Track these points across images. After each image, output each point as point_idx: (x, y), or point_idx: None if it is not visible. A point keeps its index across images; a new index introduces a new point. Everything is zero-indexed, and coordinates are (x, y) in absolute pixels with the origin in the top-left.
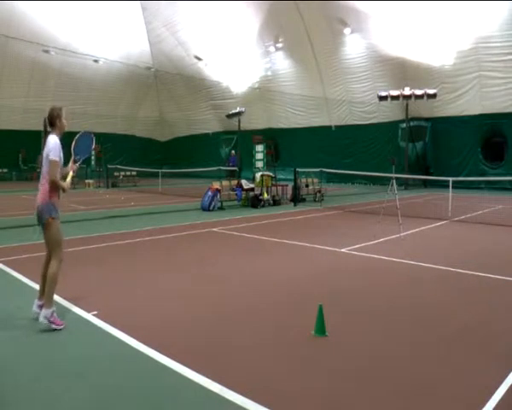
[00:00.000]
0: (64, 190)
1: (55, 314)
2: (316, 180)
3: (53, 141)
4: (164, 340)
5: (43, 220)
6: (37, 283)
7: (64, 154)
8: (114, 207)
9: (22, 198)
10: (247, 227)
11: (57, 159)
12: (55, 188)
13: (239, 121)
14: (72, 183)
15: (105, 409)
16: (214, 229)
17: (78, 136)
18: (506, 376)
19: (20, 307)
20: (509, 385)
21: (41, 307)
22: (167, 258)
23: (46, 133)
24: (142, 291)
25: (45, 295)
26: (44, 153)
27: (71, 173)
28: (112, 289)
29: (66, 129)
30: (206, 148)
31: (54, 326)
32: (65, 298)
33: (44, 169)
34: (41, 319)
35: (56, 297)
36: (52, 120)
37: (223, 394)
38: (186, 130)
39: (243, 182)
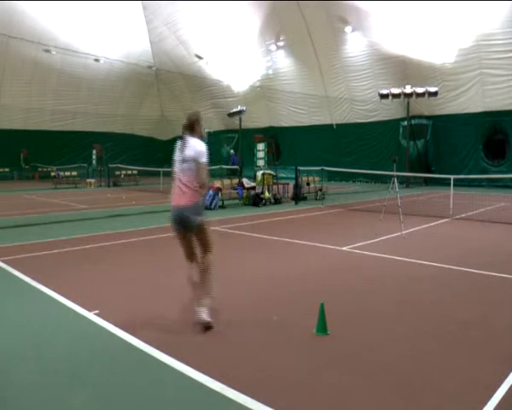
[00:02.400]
0: (204, 190)
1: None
2: (317, 178)
3: (203, 145)
4: (165, 339)
5: (196, 222)
6: (38, 282)
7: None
8: (115, 207)
9: (23, 198)
10: (249, 226)
11: (207, 162)
12: (203, 190)
13: (240, 120)
14: (73, 182)
15: (106, 409)
16: (215, 228)
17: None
18: (507, 374)
19: (21, 306)
20: (510, 384)
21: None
22: (168, 257)
23: (183, 137)
24: (144, 290)
25: (205, 286)
26: (191, 155)
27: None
28: (113, 288)
29: (79, 129)
30: (207, 146)
31: (208, 319)
32: (66, 297)
33: (188, 170)
34: (201, 316)
35: (57, 296)
36: (192, 126)
37: (224, 392)
38: None
39: (244, 180)
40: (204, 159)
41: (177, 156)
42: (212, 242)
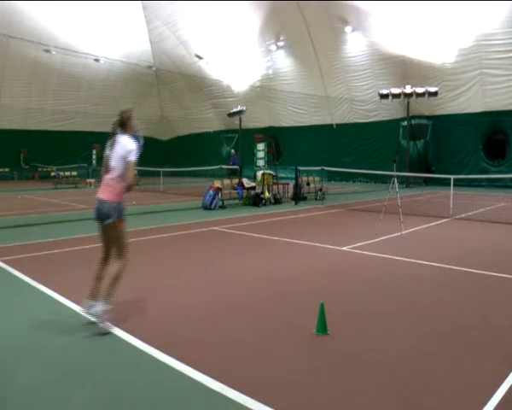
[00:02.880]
0: (130, 191)
1: (107, 315)
2: (317, 178)
3: (132, 143)
4: (165, 339)
5: (111, 220)
6: (38, 282)
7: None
8: None
9: (24, 197)
10: (249, 226)
11: (136, 160)
12: (128, 189)
13: (240, 120)
14: (73, 182)
15: (106, 408)
16: (215, 228)
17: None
18: (507, 374)
19: (22, 306)
20: (510, 384)
21: (91, 307)
22: (168, 257)
23: (114, 134)
24: (143, 290)
25: (108, 290)
26: (119, 153)
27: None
28: None
29: (79, 129)
30: (207, 146)
31: (102, 326)
32: (66, 297)
33: (117, 168)
34: (93, 310)
35: (58, 296)
36: (124, 123)
37: (224, 392)
38: (187, 129)
39: (244, 180)
40: (132, 157)
41: (107, 153)
42: (127, 248)
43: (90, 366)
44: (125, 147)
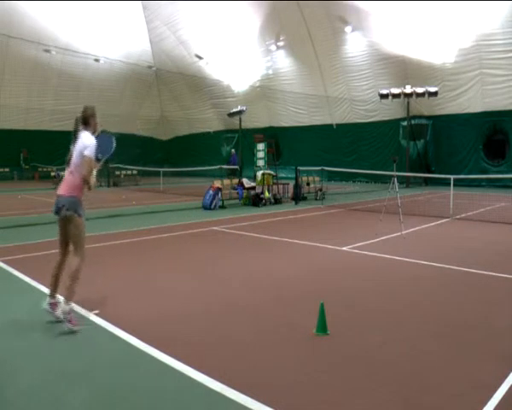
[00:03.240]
0: (90, 188)
1: (72, 314)
2: (317, 178)
3: (90, 139)
4: (165, 339)
5: (67, 214)
6: (38, 282)
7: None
8: (115, 207)
9: (24, 197)
10: (249, 226)
11: (92, 156)
12: (84, 185)
13: (240, 120)
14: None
15: (106, 409)
16: (215, 228)
17: (96, 135)
18: (508, 374)
19: (22, 306)
20: (510, 384)
21: (53, 305)
22: (168, 257)
23: (76, 132)
24: (144, 290)
25: (67, 290)
26: (78, 148)
27: (94, 172)
28: (113, 288)
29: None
30: (207, 147)
31: (70, 326)
32: None
33: (75, 163)
34: (59, 313)
35: (58, 296)
36: (86, 119)
37: (224, 392)
38: (187, 129)
39: (244, 180)
40: (88, 152)
41: (71, 149)
42: (84, 244)
43: (89, 366)
44: (83, 142)
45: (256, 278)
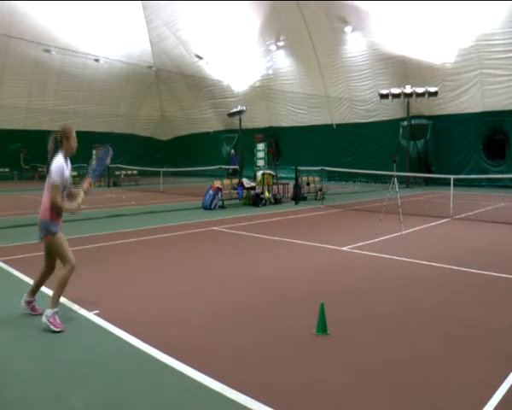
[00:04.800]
0: (67, 210)
1: (56, 316)
2: (317, 178)
3: (56, 163)
4: (165, 339)
5: (42, 235)
6: None
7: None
8: (115, 207)
9: (23, 197)
10: (249, 226)
11: (57, 182)
12: (55, 209)
13: (240, 120)
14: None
15: (106, 408)
16: (215, 228)
17: (99, 153)
18: (507, 374)
19: (20, 305)
20: (510, 384)
21: (28, 303)
22: (168, 257)
23: (53, 151)
24: (144, 290)
25: (52, 296)
26: (48, 172)
27: (82, 193)
28: (113, 288)
29: (79, 129)
30: (207, 146)
31: (52, 327)
32: (66, 297)
33: (46, 186)
34: (43, 318)
35: None
36: (60, 141)
37: (224, 392)
38: (187, 129)
39: (244, 181)
40: (53, 178)
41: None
42: (67, 256)
43: (89, 366)
44: (51, 167)
45: (256, 277)
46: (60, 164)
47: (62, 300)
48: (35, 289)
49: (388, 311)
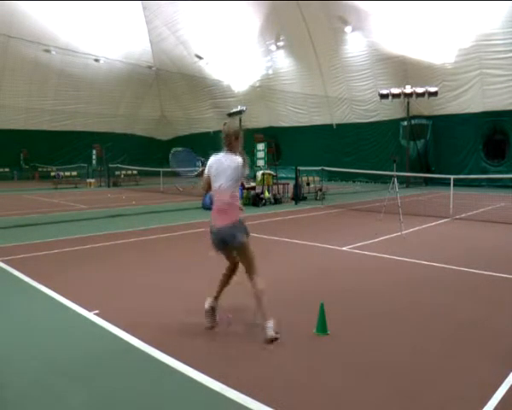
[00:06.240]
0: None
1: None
2: (317, 178)
3: (241, 160)
4: (165, 339)
5: (238, 242)
6: (38, 282)
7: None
8: (115, 207)
9: (23, 197)
10: (248, 226)
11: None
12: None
13: (240, 120)
14: (73, 182)
15: (106, 409)
16: None
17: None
18: (507, 375)
19: (21, 306)
20: (510, 384)
21: (213, 308)
22: (168, 257)
23: (221, 153)
24: (144, 290)
25: (261, 310)
26: (229, 168)
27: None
28: (113, 288)
29: (79, 129)
30: (207, 146)
31: (276, 335)
32: (66, 297)
33: (231, 186)
34: (270, 333)
35: (58, 296)
36: (230, 142)
37: (224, 392)
38: (187, 129)
39: (244, 180)
40: (244, 174)
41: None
42: (255, 260)
43: (89, 366)
44: (238, 164)
45: None
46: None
47: (62, 300)
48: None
49: (388, 311)
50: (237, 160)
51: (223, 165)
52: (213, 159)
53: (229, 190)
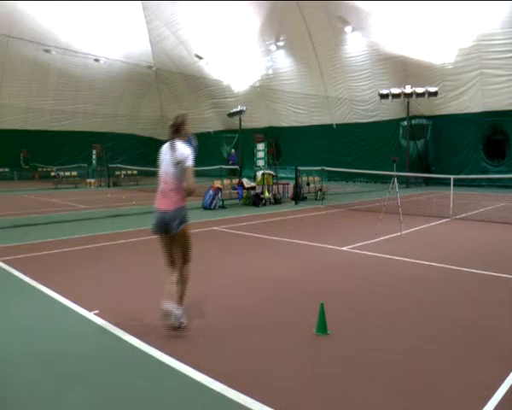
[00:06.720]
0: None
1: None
2: (317, 179)
3: (188, 148)
4: (165, 339)
5: (179, 228)
6: (38, 282)
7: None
8: (115, 207)
9: (23, 197)
10: (248, 226)
11: (192, 165)
12: (189, 194)
13: (240, 120)
14: (73, 182)
15: (106, 409)
16: (215, 228)
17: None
18: (507, 374)
19: (21, 306)
20: (510, 384)
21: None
22: None
23: (171, 140)
24: (144, 290)
25: (180, 294)
26: (172, 158)
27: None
28: (113, 288)
29: (79, 129)
30: (207, 146)
31: (184, 324)
32: (66, 297)
33: (174, 175)
34: (178, 320)
35: (58, 296)
36: (177, 127)
37: (224, 392)
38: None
39: (244, 181)
40: (191, 163)
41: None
42: (191, 252)
43: (89, 367)
44: (182, 152)
45: (256, 278)
46: (189, 148)
47: (62, 300)
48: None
49: (388, 311)
50: (181, 147)
51: (168, 152)
52: (163, 146)
53: (173, 176)
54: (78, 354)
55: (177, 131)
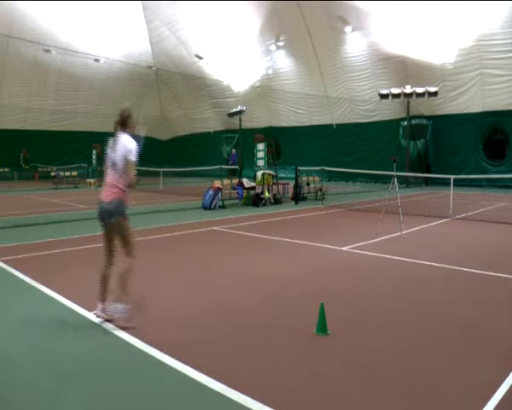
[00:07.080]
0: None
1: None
2: (317, 179)
3: (131, 142)
4: (165, 338)
5: (115, 218)
6: (38, 282)
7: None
8: None
9: (23, 197)
10: (248, 226)
11: (135, 160)
12: (130, 187)
13: (240, 120)
14: (73, 182)
15: (106, 409)
16: (215, 228)
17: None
18: (507, 374)
19: (21, 306)
20: (510, 384)
21: (103, 310)
22: (168, 257)
23: (115, 134)
24: (143, 290)
25: (123, 289)
26: (118, 152)
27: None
28: (113, 288)
29: (79, 129)
30: (207, 146)
31: (132, 324)
32: (66, 297)
33: (115, 167)
34: (119, 315)
35: (57, 296)
36: (124, 121)
37: (224, 392)
38: (187, 129)
39: (244, 181)
40: (133, 156)
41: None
42: (133, 245)
43: (89, 367)
44: (126, 145)
45: (256, 278)
46: (134, 143)
47: (62, 300)
48: (105, 291)
49: (388, 311)
50: (125, 140)
51: (113, 146)
52: (110, 141)
53: (115, 169)
54: (78, 354)
55: (124, 123)
